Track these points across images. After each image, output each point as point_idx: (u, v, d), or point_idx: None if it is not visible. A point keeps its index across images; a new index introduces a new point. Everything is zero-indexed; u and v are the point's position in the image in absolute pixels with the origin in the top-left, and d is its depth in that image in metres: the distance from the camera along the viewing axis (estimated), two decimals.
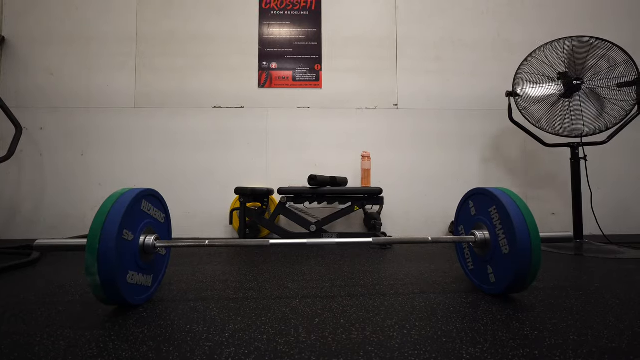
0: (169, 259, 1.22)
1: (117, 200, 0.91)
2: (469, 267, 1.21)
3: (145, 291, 1.01)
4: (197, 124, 2.49)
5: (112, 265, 0.84)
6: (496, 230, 1.03)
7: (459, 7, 2.61)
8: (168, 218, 1.18)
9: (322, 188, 2.08)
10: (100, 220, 0.86)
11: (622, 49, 1.82)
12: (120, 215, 0.87)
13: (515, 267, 0.94)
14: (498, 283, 1.03)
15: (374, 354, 0.67)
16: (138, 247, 0.97)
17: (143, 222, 1.00)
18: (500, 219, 1.01)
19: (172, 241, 1.06)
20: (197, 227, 2.43)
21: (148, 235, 1.00)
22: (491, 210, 1.06)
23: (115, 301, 0.90)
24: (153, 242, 1.00)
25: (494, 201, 1.04)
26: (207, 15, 2.54)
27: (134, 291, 0.95)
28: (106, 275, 0.84)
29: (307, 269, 1.45)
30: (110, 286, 0.85)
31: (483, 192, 1.10)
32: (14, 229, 2.39)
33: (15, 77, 2.45)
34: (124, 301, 0.90)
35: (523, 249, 0.93)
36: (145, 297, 1.01)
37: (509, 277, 0.96)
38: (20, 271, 1.39)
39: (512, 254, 0.95)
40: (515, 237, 0.94)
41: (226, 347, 0.71)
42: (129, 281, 0.92)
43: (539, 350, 0.69)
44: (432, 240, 1.10)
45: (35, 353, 0.68)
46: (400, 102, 2.57)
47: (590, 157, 2.17)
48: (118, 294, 0.87)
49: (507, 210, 0.97)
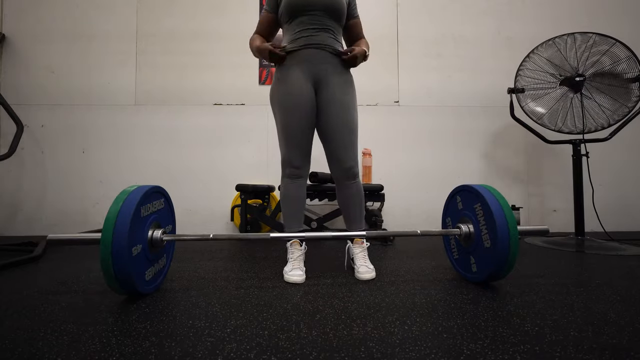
0: (173, 251, 1.27)
1: (127, 197, 0.97)
2: (454, 256, 1.30)
3: (153, 281, 1.08)
4: (197, 121, 2.49)
5: (124, 258, 0.90)
6: (480, 226, 1.12)
7: (460, 5, 2.59)
8: (172, 213, 1.23)
9: (323, 185, 2.08)
10: (112, 216, 0.92)
11: (625, 45, 1.81)
12: (131, 211, 0.93)
13: (496, 260, 1.03)
14: (479, 272, 1.12)
15: (375, 350, 0.68)
16: (147, 241, 1.02)
17: (151, 217, 1.06)
18: (484, 215, 1.10)
19: (178, 235, 1.10)
20: (198, 223, 2.44)
21: (156, 230, 1.06)
22: (476, 207, 1.14)
23: (128, 291, 0.96)
24: (160, 236, 1.06)
25: (479, 198, 1.12)
26: (208, 13, 2.53)
27: (144, 281, 1.01)
28: (119, 267, 0.90)
29: (307, 265, 1.45)
30: (122, 277, 0.92)
31: (469, 189, 1.19)
32: (16, 225, 2.40)
33: (16, 75, 2.45)
34: (135, 291, 0.97)
35: (503, 245, 1.02)
36: (153, 287, 1.07)
37: (490, 268, 1.06)
38: (22, 267, 1.40)
39: (493, 248, 1.04)
40: (496, 235, 1.03)
41: (228, 342, 0.71)
42: (139, 272, 0.98)
43: (539, 346, 0.69)
44: (420, 233, 1.19)
45: (38, 348, 0.69)
46: (402, 99, 2.56)
47: (592, 153, 2.16)
48: (130, 284, 0.94)
49: (490, 209, 1.06)
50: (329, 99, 1.26)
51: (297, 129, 1.25)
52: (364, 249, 1.31)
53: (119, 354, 0.66)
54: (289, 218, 1.33)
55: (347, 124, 1.26)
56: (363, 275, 1.20)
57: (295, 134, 1.26)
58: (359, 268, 1.23)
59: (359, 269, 1.22)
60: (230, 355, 0.66)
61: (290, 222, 1.33)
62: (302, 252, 1.28)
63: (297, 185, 1.31)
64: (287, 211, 1.33)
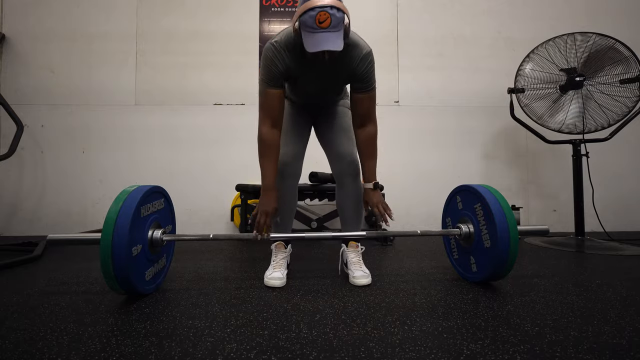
0: (173, 251, 1.27)
1: (127, 197, 0.97)
2: (454, 256, 1.30)
3: (153, 281, 1.08)
4: (197, 121, 2.49)
5: (124, 259, 0.90)
6: (480, 226, 1.11)
7: (460, 5, 2.59)
8: (173, 213, 1.23)
9: (323, 185, 2.07)
10: (112, 216, 0.92)
11: (625, 44, 1.81)
12: (130, 211, 0.93)
13: (495, 260, 1.03)
14: (480, 272, 1.12)
15: (375, 350, 0.68)
16: (147, 241, 1.02)
17: (151, 218, 1.05)
18: (484, 215, 1.09)
19: (178, 235, 1.11)
20: (199, 223, 2.43)
21: (156, 230, 1.06)
22: (476, 207, 1.14)
23: (127, 290, 0.96)
24: (160, 236, 1.06)
25: (479, 199, 1.12)
26: (208, 13, 2.53)
27: (144, 281, 1.01)
28: (119, 267, 0.90)
29: (307, 266, 1.45)
30: (122, 277, 0.91)
31: (469, 189, 1.18)
32: (16, 225, 2.40)
33: (16, 75, 2.45)
34: (135, 290, 0.97)
35: (503, 244, 1.02)
36: (153, 287, 1.07)
37: (490, 268, 1.06)
38: (23, 267, 1.40)
39: (493, 248, 1.04)
40: (497, 235, 1.02)
41: (228, 342, 0.71)
42: (139, 272, 0.99)
43: (539, 346, 0.69)
44: (420, 233, 1.19)
45: (38, 348, 0.69)
46: (401, 99, 2.56)
47: (592, 153, 2.15)
48: (130, 284, 0.94)
49: (490, 209, 1.05)
50: (328, 113, 1.32)
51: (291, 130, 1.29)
52: (359, 254, 1.25)
53: (119, 354, 0.66)
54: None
55: (345, 128, 1.30)
56: (359, 280, 1.14)
57: (287, 132, 1.28)
58: (355, 272, 1.16)
59: (354, 274, 1.16)
60: (230, 355, 0.66)
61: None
62: (286, 255, 1.26)
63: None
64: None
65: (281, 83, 1.13)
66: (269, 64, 1.09)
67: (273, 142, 1.16)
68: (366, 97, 1.17)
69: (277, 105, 1.14)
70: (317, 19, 0.94)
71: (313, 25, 0.94)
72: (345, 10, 0.98)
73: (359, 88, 1.16)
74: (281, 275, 1.16)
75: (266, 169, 1.17)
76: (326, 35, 0.95)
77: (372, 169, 1.22)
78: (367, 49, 1.11)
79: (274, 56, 1.08)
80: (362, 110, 1.19)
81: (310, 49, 0.96)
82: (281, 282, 1.14)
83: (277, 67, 1.09)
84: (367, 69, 1.12)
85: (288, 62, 1.10)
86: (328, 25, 0.94)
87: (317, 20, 0.94)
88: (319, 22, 0.94)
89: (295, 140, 1.27)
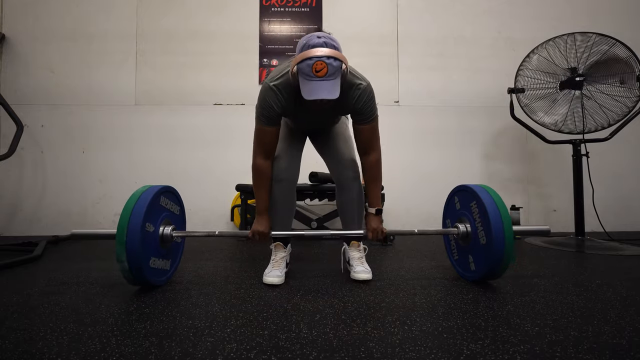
0: (183, 246, 1.33)
1: (140, 197, 1.05)
2: (454, 257, 1.30)
3: (164, 274, 1.15)
4: (197, 121, 2.49)
5: (137, 253, 0.98)
6: (476, 224, 1.13)
7: (460, 5, 2.59)
8: (183, 211, 1.32)
9: (323, 185, 2.07)
10: (126, 215, 1.00)
11: (625, 44, 1.81)
12: (143, 210, 1.01)
13: (492, 256, 1.04)
14: (477, 270, 1.13)
15: (375, 350, 0.68)
16: (158, 237, 1.11)
17: (162, 215, 1.14)
18: (479, 213, 1.11)
19: (186, 232, 1.19)
20: (199, 223, 2.43)
21: (166, 226, 1.14)
22: (472, 205, 1.15)
23: (141, 282, 1.05)
24: (170, 232, 1.14)
25: (474, 197, 1.13)
26: (208, 13, 2.52)
27: (156, 274, 1.09)
28: (133, 261, 0.98)
29: (307, 265, 1.45)
30: (136, 270, 0.99)
31: (466, 188, 1.20)
32: (16, 225, 2.40)
33: (16, 75, 2.45)
34: (148, 283, 1.05)
35: (498, 240, 1.03)
36: (165, 279, 1.15)
37: (487, 266, 1.07)
38: (23, 267, 1.40)
39: (489, 244, 1.05)
40: (491, 230, 1.04)
41: (228, 342, 0.71)
42: (151, 265, 1.06)
43: (539, 346, 0.69)
44: (418, 232, 1.23)
45: (38, 348, 0.69)
46: (402, 99, 2.56)
47: (592, 153, 2.15)
48: (143, 277, 1.01)
49: (484, 205, 1.07)
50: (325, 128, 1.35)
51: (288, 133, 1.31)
52: (362, 252, 1.28)
53: (119, 354, 0.66)
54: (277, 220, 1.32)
55: (341, 133, 1.35)
56: (359, 274, 1.17)
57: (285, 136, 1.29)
58: (356, 267, 1.20)
59: (355, 269, 1.20)
60: (230, 355, 0.66)
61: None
62: (285, 254, 1.27)
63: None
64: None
65: (277, 122, 1.16)
66: (266, 105, 1.11)
67: (266, 172, 1.20)
68: (367, 127, 1.19)
69: (271, 141, 1.18)
70: (314, 68, 0.95)
71: (310, 73, 0.96)
72: (343, 58, 0.99)
73: (359, 120, 1.17)
74: (279, 274, 1.17)
75: (259, 196, 1.20)
76: (323, 84, 0.96)
77: (376, 194, 1.25)
78: (364, 84, 1.12)
79: (271, 99, 1.10)
80: (364, 139, 1.21)
81: (307, 97, 0.98)
82: (279, 279, 1.15)
83: (274, 110, 1.11)
84: (365, 104, 1.13)
85: (285, 105, 1.12)
86: (325, 74, 0.96)
87: (314, 69, 0.95)
88: (315, 71, 0.95)
89: (291, 148, 1.30)
